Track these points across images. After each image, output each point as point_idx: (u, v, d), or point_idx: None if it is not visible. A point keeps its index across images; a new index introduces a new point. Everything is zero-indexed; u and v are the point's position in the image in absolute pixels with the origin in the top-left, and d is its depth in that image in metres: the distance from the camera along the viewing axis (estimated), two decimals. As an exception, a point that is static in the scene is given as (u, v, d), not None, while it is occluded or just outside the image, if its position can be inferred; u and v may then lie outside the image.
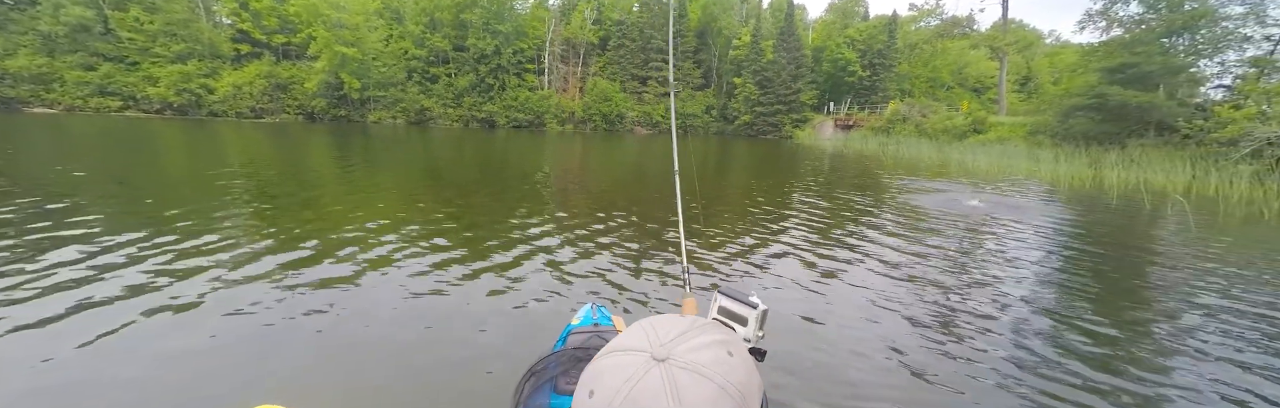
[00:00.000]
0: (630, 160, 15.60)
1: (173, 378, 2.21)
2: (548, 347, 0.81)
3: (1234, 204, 8.19)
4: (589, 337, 0.77)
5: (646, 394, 0.37)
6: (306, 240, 4.41)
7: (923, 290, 3.74)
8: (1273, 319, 3.33)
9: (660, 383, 0.37)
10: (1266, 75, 13.60)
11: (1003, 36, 25.90)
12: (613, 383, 0.39)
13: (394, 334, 2.66)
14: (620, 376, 0.39)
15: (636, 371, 0.39)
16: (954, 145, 20.07)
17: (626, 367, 0.39)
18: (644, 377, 0.38)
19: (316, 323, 2.77)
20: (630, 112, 39.05)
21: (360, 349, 2.49)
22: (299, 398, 2.04)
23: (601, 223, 5.62)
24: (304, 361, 2.39)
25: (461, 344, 2.58)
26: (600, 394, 0.39)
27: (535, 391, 0.62)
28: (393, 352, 2.47)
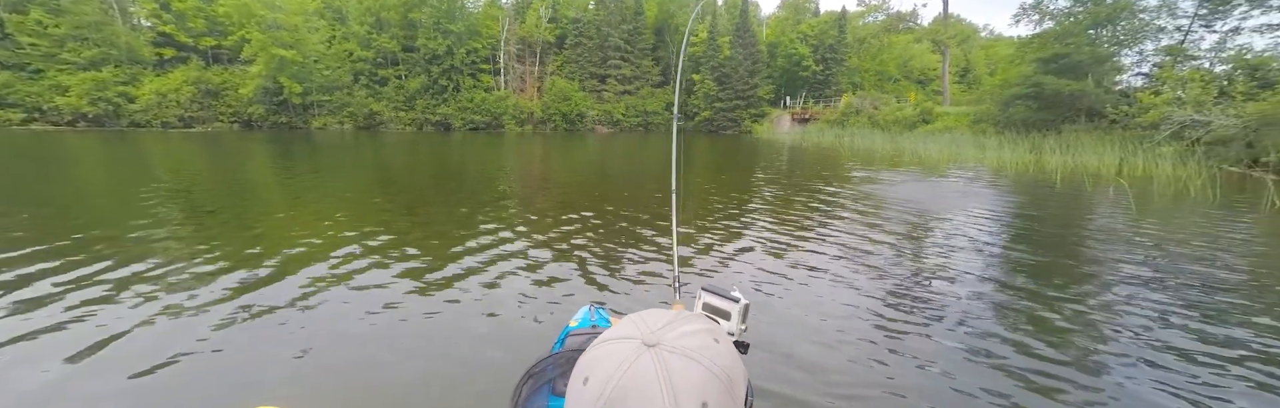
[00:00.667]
0: (593, 160, 15.42)
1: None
2: (545, 349, 0.80)
3: (1164, 184, 8.79)
4: (587, 339, 0.75)
5: (639, 378, 0.39)
6: (261, 256, 4.08)
7: (893, 279, 3.79)
8: (1200, 287, 3.56)
9: (652, 367, 0.39)
10: (1179, 63, 14.70)
11: (944, 30, 27.10)
12: (606, 369, 0.41)
13: (387, 341, 2.63)
14: (613, 361, 0.41)
15: (628, 356, 0.41)
16: (905, 136, 20.84)
17: (618, 353, 0.41)
18: (636, 361, 0.40)
19: (297, 337, 2.67)
20: (591, 110, 38.75)
21: (359, 352, 2.48)
22: (298, 400, 2.04)
23: (572, 224, 5.47)
24: (305, 366, 2.36)
25: (455, 348, 2.56)
26: (594, 381, 0.41)
27: (533, 392, 0.62)
28: (389, 357, 2.44)
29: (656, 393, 0.38)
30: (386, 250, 4.25)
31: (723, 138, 30.71)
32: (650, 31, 41.07)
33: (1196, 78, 13.04)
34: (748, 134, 34.58)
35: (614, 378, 0.40)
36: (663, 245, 4.59)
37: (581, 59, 39.76)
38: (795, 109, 34.51)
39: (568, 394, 0.45)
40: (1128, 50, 15.87)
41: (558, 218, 5.80)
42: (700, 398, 0.39)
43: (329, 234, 4.78)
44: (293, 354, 2.44)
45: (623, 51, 39.83)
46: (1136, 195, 7.56)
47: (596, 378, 0.41)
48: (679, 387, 0.38)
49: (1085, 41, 15.21)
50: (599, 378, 0.41)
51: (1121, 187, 8.27)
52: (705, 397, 0.39)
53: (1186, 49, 15.42)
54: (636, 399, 0.38)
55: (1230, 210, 6.61)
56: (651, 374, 0.39)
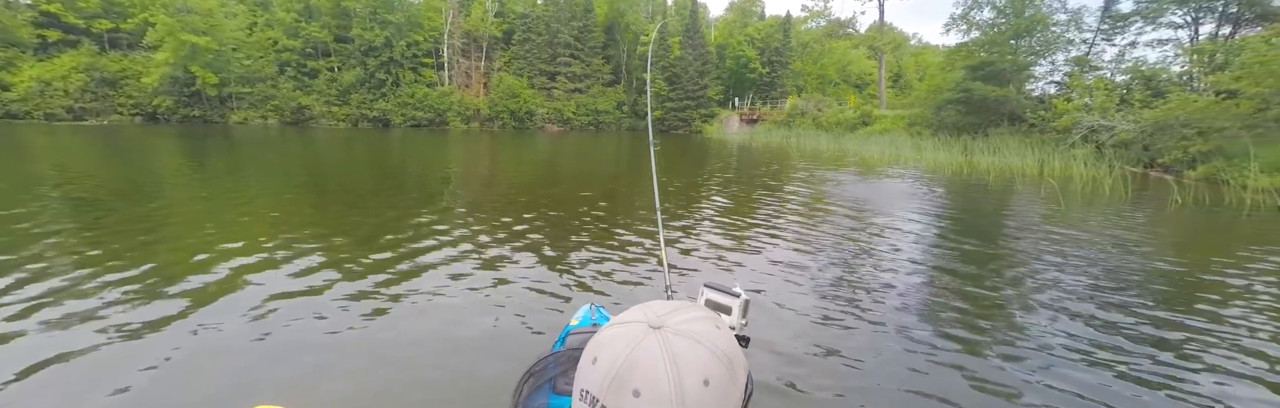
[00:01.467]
0: (543, 159, 14.98)
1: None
2: (546, 348, 0.81)
3: (1083, 183, 9.55)
4: (587, 337, 0.66)
5: (646, 357, 0.42)
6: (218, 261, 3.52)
7: (855, 272, 3.83)
8: (1119, 272, 3.85)
9: (658, 346, 0.42)
10: (1086, 72, 16.16)
11: (880, 37, 28.53)
12: (614, 349, 0.43)
13: (386, 340, 2.61)
14: (621, 342, 0.44)
15: (636, 337, 0.43)
16: (848, 137, 21.75)
17: (626, 335, 0.44)
18: (642, 341, 0.43)
19: (295, 338, 2.63)
20: (540, 109, 37.87)
21: (358, 352, 2.46)
22: (299, 400, 2.03)
23: (525, 223, 5.17)
24: (304, 368, 2.32)
25: (454, 347, 2.54)
26: (603, 360, 0.43)
27: (534, 391, 0.63)
28: (388, 357, 2.42)
29: (662, 370, 0.41)
30: (369, 252, 4.10)
31: (674, 137, 30.88)
32: (600, 30, 40.66)
33: (1101, 86, 14.36)
34: (698, 134, 34.99)
35: (622, 356, 0.42)
36: (632, 245, 4.44)
37: (530, 55, 38.78)
38: (743, 110, 35.27)
39: (577, 374, 0.47)
40: (1043, 60, 17.30)
41: (539, 218, 5.55)
42: (702, 375, 0.42)
43: (314, 235, 4.63)
44: (291, 355, 2.40)
45: (573, 49, 39.20)
46: (1064, 194, 8.15)
47: (605, 357, 0.44)
48: (682, 365, 0.41)
49: (1008, 51, 16.43)
50: (607, 357, 0.44)
51: (1052, 185, 8.89)
52: (706, 375, 0.42)
53: (1091, 60, 17.00)
54: (643, 375, 0.41)
55: (1140, 207, 7.24)
56: (657, 353, 0.42)
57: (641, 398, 0.41)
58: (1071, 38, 17.08)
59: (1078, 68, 16.57)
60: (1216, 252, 4.74)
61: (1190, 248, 5.02)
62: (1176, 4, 14.98)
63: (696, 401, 0.41)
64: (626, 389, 0.41)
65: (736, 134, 31.98)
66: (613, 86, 41.48)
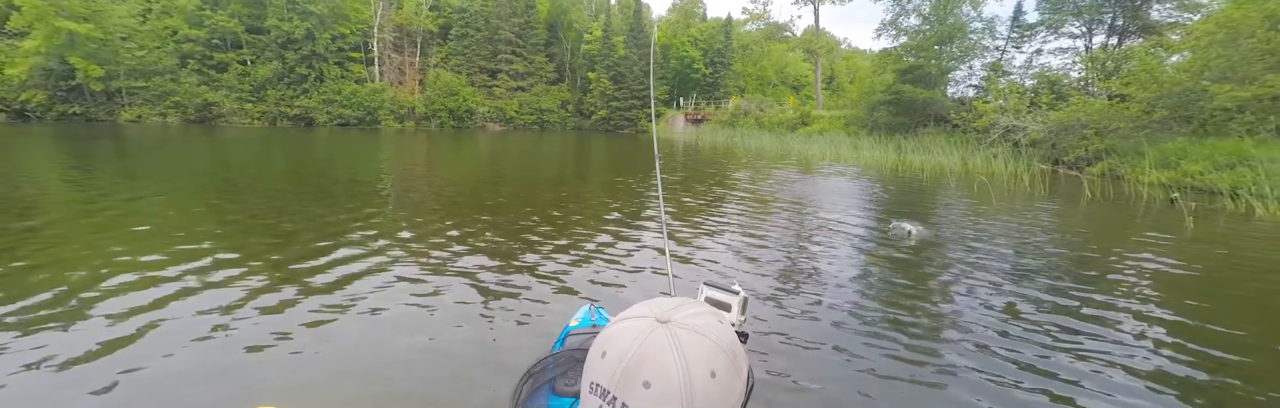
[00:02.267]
0: (483, 160, 14.35)
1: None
2: (546, 349, 0.78)
3: (1007, 179, 10.27)
4: (587, 338, 0.71)
5: (654, 350, 0.43)
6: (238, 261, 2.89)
7: (812, 268, 3.84)
8: (1040, 256, 4.16)
9: (666, 339, 0.44)
10: (1000, 77, 17.55)
11: (816, 41, 29.74)
12: (623, 342, 0.45)
13: (382, 340, 2.58)
14: (630, 335, 0.45)
15: (644, 331, 0.45)
16: (789, 136, 22.47)
17: (634, 329, 0.46)
18: (650, 335, 0.44)
19: (291, 339, 2.60)
20: (481, 107, 36.56)
21: (356, 353, 2.44)
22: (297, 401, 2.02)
23: (470, 226, 4.80)
24: (302, 368, 2.30)
25: (451, 347, 2.53)
26: (612, 353, 0.45)
27: (533, 392, 0.63)
28: (385, 357, 2.40)
29: (671, 361, 0.43)
30: (364, 254, 4.00)
31: (620, 137, 30.74)
32: (542, 27, 39.82)
33: (1013, 90, 15.62)
34: (644, 133, 35.05)
35: (631, 350, 0.44)
36: (609, 246, 4.24)
37: (469, 52, 37.33)
38: (688, 110, 35.72)
39: (586, 368, 0.48)
40: (963, 65, 18.64)
41: (517, 219, 5.19)
42: (709, 366, 0.43)
43: (304, 236, 4.52)
44: (289, 356, 2.37)
45: (514, 46, 38.12)
46: (994, 190, 8.71)
47: (614, 350, 0.45)
48: (690, 357, 0.43)
49: (933, 56, 17.55)
50: (616, 350, 0.45)
51: (984, 182, 9.47)
52: (713, 366, 0.44)
53: (1003, 66, 18.49)
54: (652, 366, 0.43)
55: (1057, 201, 7.85)
56: (666, 345, 0.43)
57: (652, 389, 0.42)
58: (987, 45, 18.52)
59: (992, 73, 17.97)
60: (1121, 239, 5.19)
61: (1102, 236, 5.45)
62: (1073, 16, 16.57)
63: (704, 392, 0.43)
64: (637, 381, 0.43)
65: (682, 134, 32.29)
66: (557, 85, 40.78)
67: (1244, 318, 3.12)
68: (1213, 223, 5.99)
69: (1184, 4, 15.52)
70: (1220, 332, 2.85)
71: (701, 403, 0.43)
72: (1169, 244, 4.95)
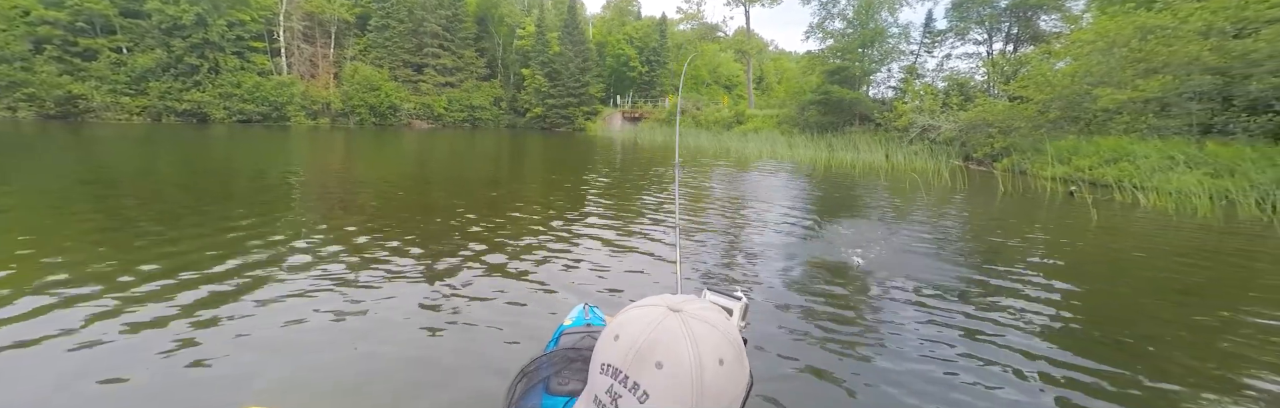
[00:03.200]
0: (410, 158, 13.38)
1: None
2: (539, 348, 0.78)
3: (930, 175, 10.92)
4: (582, 337, 0.75)
5: (667, 335, 0.45)
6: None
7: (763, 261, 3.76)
8: (965, 244, 4.33)
9: (679, 326, 0.46)
10: (916, 79, 18.79)
11: (748, 41, 30.55)
12: (637, 326, 0.47)
13: (376, 340, 2.55)
14: (644, 321, 0.47)
15: (657, 317, 0.47)
16: (725, 135, 22.89)
17: (649, 315, 0.48)
18: (663, 321, 0.46)
19: (283, 339, 2.60)
20: (406, 103, 34.39)
21: (348, 353, 2.39)
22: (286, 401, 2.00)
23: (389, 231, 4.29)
24: (293, 368, 2.26)
25: (445, 347, 2.50)
26: (625, 337, 0.47)
27: (527, 392, 0.63)
28: (378, 357, 2.37)
29: (683, 346, 0.44)
30: (357, 254, 3.95)
31: (557, 135, 30.02)
32: (472, 20, 38.07)
33: (928, 91, 16.76)
34: (581, 132, 34.50)
35: (645, 333, 0.46)
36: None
37: (391, 44, 34.97)
38: (625, 108, 35.55)
39: (597, 351, 0.50)
40: (884, 67, 19.82)
41: (465, 220, 4.81)
42: (717, 355, 0.45)
43: (293, 236, 4.43)
44: (280, 356, 2.34)
45: (442, 39, 36.17)
46: (924, 187, 9.18)
47: (628, 334, 0.47)
48: (701, 344, 0.45)
49: (857, 58, 18.47)
50: (630, 334, 0.46)
51: (915, 179, 9.97)
52: (721, 354, 0.45)
53: (917, 68, 19.83)
54: (665, 350, 0.44)
55: (978, 195, 8.39)
56: (679, 331, 0.45)
57: (664, 370, 0.44)
58: (903, 49, 19.78)
59: (909, 75, 19.21)
60: (1041, 229, 5.60)
61: (1023, 227, 5.82)
62: (976, 24, 18.04)
63: (712, 377, 0.44)
64: (649, 362, 0.44)
65: (620, 132, 32.09)
66: (489, 81, 39.21)
67: (1142, 294, 3.63)
68: (1112, 213, 6.58)
69: (1066, 16, 17.35)
70: (1135, 303, 3.36)
71: (710, 387, 0.44)
72: (1080, 233, 5.35)
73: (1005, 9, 17.37)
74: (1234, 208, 6.86)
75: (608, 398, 0.46)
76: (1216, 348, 2.69)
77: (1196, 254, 4.66)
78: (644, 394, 0.44)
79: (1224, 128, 9.45)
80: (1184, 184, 7.72)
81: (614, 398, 0.46)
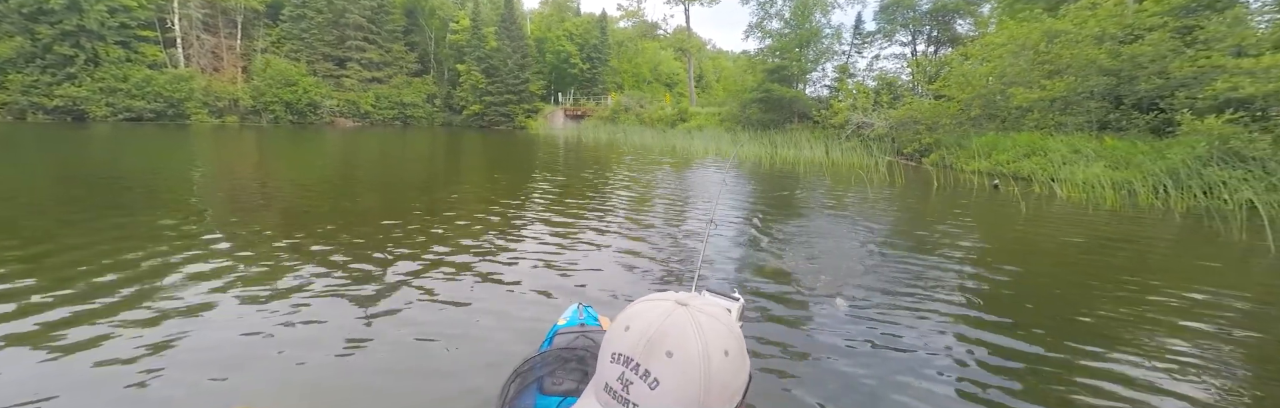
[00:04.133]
0: (335, 159, 12.33)
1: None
2: (533, 347, 0.79)
3: (871, 171, 11.33)
4: (576, 337, 0.75)
5: (676, 326, 0.47)
6: None
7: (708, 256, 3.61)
8: (907, 236, 4.51)
9: (686, 319, 0.48)
10: (847, 78, 19.64)
11: (689, 40, 30.82)
12: (648, 318, 0.49)
13: (369, 339, 2.50)
14: (654, 313, 0.50)
15: (667, 309, 0.50)
16: (670, 132, 22.95)
17: (658, 307, 0.50)
18: (672, 313, 0.49)
19: (275, 338, 2.64)
20: (327, 100, 31.95)
21: (339, 353, 2.36)
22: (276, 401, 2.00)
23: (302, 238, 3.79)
24: (283, 368, 2.23)
25: (438, 346, 2.45)
26: (636, 327, 0.49)
27: (521, 392, 0.64)
28: (370, 357, 2.33)
29: (692, 337, 0.47)
30: (350, 256, 3.86)
31: (497, 133, 28.94)
32: (400, 12, 35.91)
33: (860, 90, 17.53)
34: (522, 130, 33.52)
35: (655, 324, 0.48)
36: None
37: (308, 36, 32.36)
38: (567, 105, 34.89)
39: (607, 341, 0.52)
40: (819, 67, 20.56)
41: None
42: (723, 346, 0.48)
43: (285, 238, 4.34)
44: (270, 356, 2.30)
45: (366, 32, 33.89)
46: (868, 183, 9.49)
47: (638, 325, 0.49)
48: (707, 334, 0.47)
49: (795, 58, 19.03)
50: (641, 324, 0.49)
51: (860, 176, 10.28)
52: (726, 346, 0.48)
53: (849, 68, 20.75)
54: (674, 340, 0.47)
55: (915, 189, 8.78)
56: (687, 323, 0.48)
57: (675, 358, 0.46)
58: (837, 49, 20.62)
59: (842, 74, 20.05)
60: (976, 220, 5.87)
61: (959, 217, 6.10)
62: (901, 27, 19.10)
63: (719, 367, 0.47)
64: (660, 351, 0.47)
65: (563, 130, 31.46)
66: (421, 77, 37.24)
67: (1068, 275, 3.91)
68: (1034, 204, 7.04)
69: (978, 20, 18.71)
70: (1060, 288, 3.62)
71: (716, 377, 0.46)
72: (1010, 222, 5.65)
73: (926, 13, 18.48)
74: (1134, 197, 7.55)
75: (619, 385, 0.48)
76: (1128, 315, 3.02)
77: (1109, 239, 5.04)
78: (655, 381, 0.46)
79: (1118, 124, 10.46)
80: (1090, 176, 8.44)
81: (625, 385, 0.48)
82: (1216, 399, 2.12)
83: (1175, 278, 3.80)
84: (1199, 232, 5.50)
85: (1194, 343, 2.63)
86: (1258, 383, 2.26)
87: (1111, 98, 10.94)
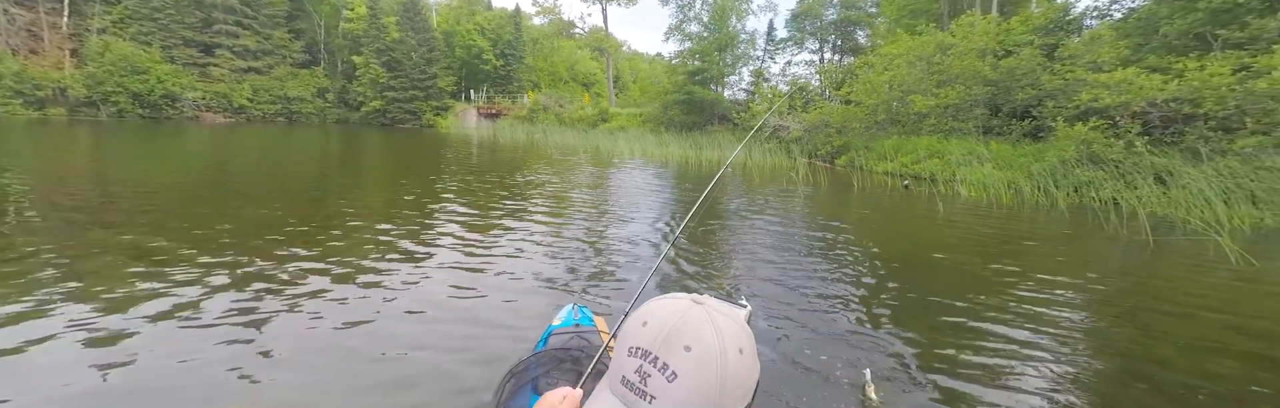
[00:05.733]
0: (200, 160, 10.45)
1: None
2: (528, 348, 0.75)
3: (793, 172, 11.64)
4: (571, 337, 0.76)
5: (692, 323, 0.50)
6: None
7: None
8: (825, 233, 4.62)
9: (703, 315, 0.50)
10: (762, 82, 20.38)
11: (608, 39, 30.48)
12: (666, 314, 0.51)
13: (362, 339, 2.54)
14: (671, 309, 0.52)
15: (683, 307, 0.52)
16: (592, 133, 22.45)
17: (675, 305, 0.52)
18: (689, 310, 0.51)
19: (267, 339, 2.64)
20: (190, 91, 27.60)
21: (331, 353, 2.39)
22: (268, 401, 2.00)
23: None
24: (275, 368, 2.24)
25: (431, 346, 2.47)
26: (654, 323, 0.51)
27: (516, 391, 0.65)
28: (363, 356, 2.36)
29: (709, 332, 0.49)
30: (339, 256, 3.83)
31: (403, 132, 26.63)
32: (280, -6, 31.98)
33: (775, 94, 18.22)
34: (430, 128, 31.22)
35: (673, 320, 0.50)
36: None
37: (162, 17, 27.73)
38: (480, 103, 33.07)
39: (624, 336, 0.53)
40: (736, 71, 21.14)
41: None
42: (738, 345, 0.50)
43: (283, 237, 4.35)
44: (263, 356, 2.33)
45: (239, 16, 29.73)
46: (791, 182, 9.66)
47: (656, 320, 0.51)
48: (724, 331, 0.49)
49: (715, 61, 19.37)
50: (658, 319, 0.51)
51: (794, 178, 10.45)
52: (741, 344, 0.50)
53: (763, 72, 21.57)
54: (692, 335, 0.49)
55: (837, 190, 9.08)
56: (704, 320, 0.50)
57: (693, 352, 0.48)
58: (752, 54, 21.33)
59: (757, 79, 20.78)
60: (897, 219, 6.10)
61: (881, 217, 6.31)
62: (810, 35, 20.18)
63: (735, 364, 0.49)
64: (678, 345, 0.49)
65: (477, 129, 29.76)
66: (309, 69, 33.46)
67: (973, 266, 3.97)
68: (943, 203, 7.50)
69: (875, 32, 20.27)
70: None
71: (732, 373, 0.48)
72: (933, 221, 5.89)
73: (831, 23, 19.66)
74: (1021, 195, 8.35)
75: (636, 377, 0.49)
76: (1010, 297, 3.46)
77: (1011, 235, 5.44)
78: (672, 374, 0.47)
79: (1000, 130, 11.66)
80: (982, 176, 9.25)
81: (643, 377, 0.49)
82: (1071, 368, 2.49)
83: (1058, 267, 4.23)
84: (1084, 227, 6.09)
85: (1067, 326, 3.02)
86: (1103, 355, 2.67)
87: (991, 106, 12.20)
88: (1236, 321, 3.14)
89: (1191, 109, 8.04)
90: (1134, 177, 7.83)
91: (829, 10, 19.35)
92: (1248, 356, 2.63)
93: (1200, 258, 4.63)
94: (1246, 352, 2.67)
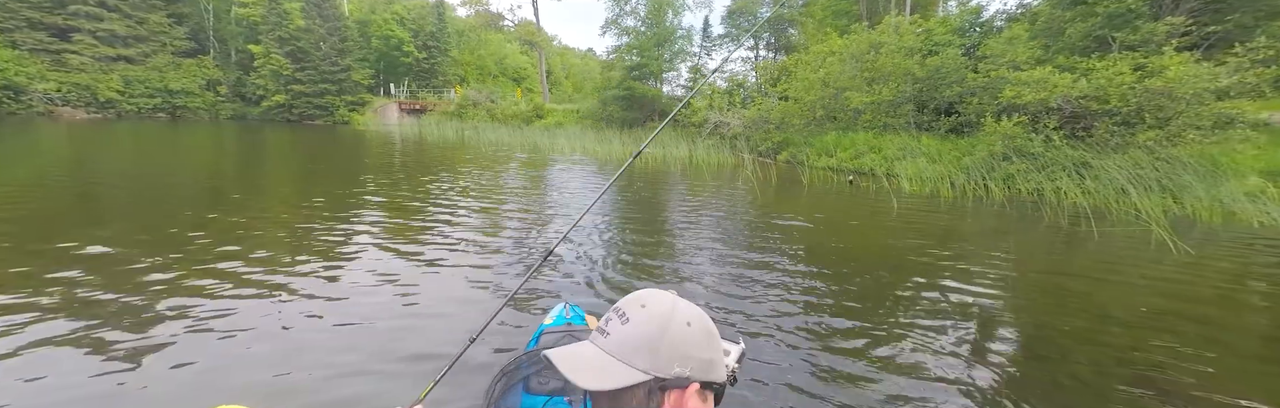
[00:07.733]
0: (57, 166, 8.65)
1: None
2: (520, 347, 0.88)
3: (738, 168, 11.52)
4: (562, 336, 0.87)
5: (658, 296, 0.62)
6: None
7: None
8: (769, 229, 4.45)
9: (670, 297, 0.63)
10: (701, 78, 20.31)
11: (539, 33, 29.30)
12: (661, 298, 0.63)
13: (356, 339, 2.49)
14: (650, 290, 0.64)
15: (660, 291, 0.64)
16: (527, 129, 21.43)
17: (666, 295, 0.64)
18: (664, 292, 0.64)
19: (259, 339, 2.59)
20: (41, 83, 23.44)
21: (324, 352, 2.36)
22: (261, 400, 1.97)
23: None
24: (268, 368, 2.21)
25: (425, 345, 2.43)
26: (651, 307, 0.62)
27: (507, 391, 0.70)
28: (357, 355, 2.33)
29: (666, 301, 0.62)
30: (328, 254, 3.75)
31: (313, 129, 24.13)
32: (154, -29, 27.89)
33: (715, 91, 18.19)
34: (345, 125, 28.61)
35: (646, 293, 0.63)
36: None
37: (-1, -7, 23.29)
38: (402, 98, 30.75)
39: (622, 318, 0.62)
40: (674, 67, 20.91)
41: None
42: (687, 319, 0.61)
43: (277, 235, 4.23)
44: (256, 356, 2.32)
45: (98, -7, 25.55)
46: (745, 179, 9.46)
47: (653, 305, 0.62)
48: (679, 305, 0.62)
49: (654, 57, 19.01)
50: (654, 305, 0.62)
51: (748, 177, 10.23)
52: (690, 320, 0.61)
53: (701, 69, 21.51)
54: (652, 299, 0.62)
55: (788, 187, 9.00)
56: (669, 298, 0.62)
57: (647, 308, 0.61)
58: (690, 50, 21.20)
59: (695, 75, 20.69)
60: (848, 214, 6.00)
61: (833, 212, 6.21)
62: (745, 33, 20.35)
63: (678, 329, 0.60)
64: (638, 304, 0.62)
65: (398, 125, 27.63)
66: (195, 58, 29.57)
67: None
68: (887, 197, 7.58)
69: (805, 31, 20.82)
70: None
71: (673, 333, 0.59)
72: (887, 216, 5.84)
73: (766, 21, 19.92)
74: (956, 188, 8.67)
75: (603, 324, 0.62)
76: (935, 285, 3.66)
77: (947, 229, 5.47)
78: (626, 319, 0.60)
79: (927, 125, 12.19)
80: (918, 170, 9.55)
81: (607, 322, 0.62)
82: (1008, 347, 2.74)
83: (1000, 261, 4.32)
84: (1026, 219, 6.30)
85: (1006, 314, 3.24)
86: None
87: (918, 102, 12.76)
88: (1179, 305, 3.42)
89: (1099, 105, 8.67)
90: (1053, 169, 8.34)
91: (763, 8, 19.60)
92: (1190, 336, 2.89)
93: (1143, 248, 4.82)
94: (1189, 333, 2.94)
